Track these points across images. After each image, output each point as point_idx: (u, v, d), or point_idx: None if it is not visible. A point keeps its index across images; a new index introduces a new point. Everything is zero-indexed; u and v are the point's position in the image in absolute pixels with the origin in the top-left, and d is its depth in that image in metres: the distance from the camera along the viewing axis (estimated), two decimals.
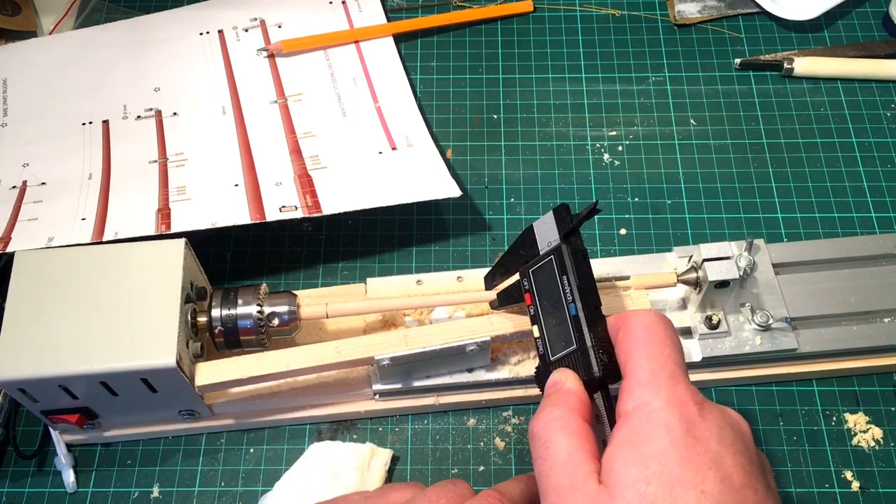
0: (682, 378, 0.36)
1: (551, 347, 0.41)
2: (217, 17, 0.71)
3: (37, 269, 0.48)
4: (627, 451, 0.33)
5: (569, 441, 0.35)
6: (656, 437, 0.33)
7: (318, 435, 0.53)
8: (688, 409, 0.34)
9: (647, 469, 0.32)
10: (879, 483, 0.51)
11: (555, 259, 0.43)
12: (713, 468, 0.32)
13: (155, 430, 0.53)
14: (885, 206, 0.62)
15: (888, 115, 0.66)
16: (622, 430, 0.34)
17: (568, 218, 0.44)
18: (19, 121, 0.65)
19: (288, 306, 0.50)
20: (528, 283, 0.44)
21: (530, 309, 0.43)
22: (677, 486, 0.31)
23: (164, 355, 0.45)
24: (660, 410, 0.34)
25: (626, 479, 0.32)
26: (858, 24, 0.71)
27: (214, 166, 0.61)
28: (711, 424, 0.34)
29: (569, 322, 0.40)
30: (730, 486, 0.32)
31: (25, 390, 0.46)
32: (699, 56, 0.70)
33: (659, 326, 0.37)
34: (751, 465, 0.33)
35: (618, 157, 0.65)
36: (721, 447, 0.33)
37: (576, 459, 0.34)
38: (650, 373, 0.35)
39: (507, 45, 0.71)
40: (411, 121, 0.64)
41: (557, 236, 0.44)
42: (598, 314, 0.40)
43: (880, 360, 0.54)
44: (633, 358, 0.36)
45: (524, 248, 0.46)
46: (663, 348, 0.36)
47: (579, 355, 0.39)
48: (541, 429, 0.36)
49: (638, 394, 0.35)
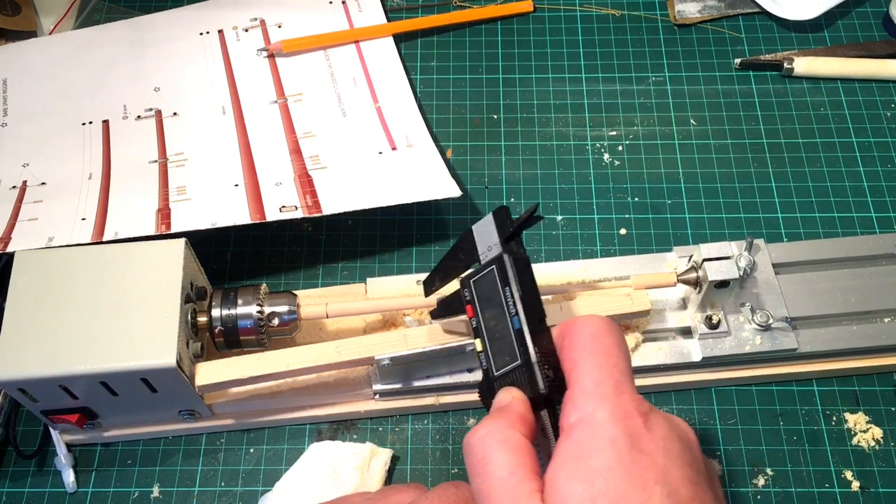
0: (628, 387, 0.34)
1: (495, 362, 0.39)
2: (217, 17, 0.71)
3: (37, 269, 0.48)
4: (571, 468, 0.32)
5: (509, 458, 0.33)
6: (601, 451, 0.32)
7: (318, 435, 0.53)
8: (633, 420, 0.33)
9: (592, 486, 0.31)
10: (879, 483, 0.51)
11: (496, 269, 0.41)
12: (660, 483, 0.31)
13: (155, 430, 0.53)
14: (885, 206, 0.62)
15: (888, 115, 0.66)
16: (566, 445, 0.33)
17: (508, 222, 0.43)
18: (19, 121, 0.65)
19: (288, 306, 0.50)
20: (470, 294, 0.42)
21: (472, 321, 0.41)
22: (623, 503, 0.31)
23: (164, 355, 0.45)
24: (604, 423, 0.33)
25: (570, 498, 0.31)
26: (858, 24, 0.71)
27: (214, 166, 0.61)
28: (657, 436, 0.33)
29: (512, 336, 0.39)
30: (677, 501, 0.31)
31: (25, 390, 0.46)
32: (699, 56, 0.70)
33: (605, 333, 0.36)
34: (698, 477, 0.33)
35: (618, 157, 0.65)
36: (668, 460, 0.32)
37: (517, 477, 0.32)
38: (595, 382, 0.34)
39: (507, 45, 0.71)
40: (411, 121, 0.64)
41: (497, 240, 0.42)
42: (542, 326, 0.39)
43: (880, 360, 0.54)
44: (578, 366, 0.35)
45: (464, 252, 0.44)
46: (609, 356, 0.35)
47: (524, 370, 0.37)
48: (477, 442, 0.34)
49: (582, 405, 0.34)
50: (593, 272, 0.56)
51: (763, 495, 0.51)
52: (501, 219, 0.43)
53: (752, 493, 0.51)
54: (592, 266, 0.56)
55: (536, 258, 0.60)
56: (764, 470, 0.52)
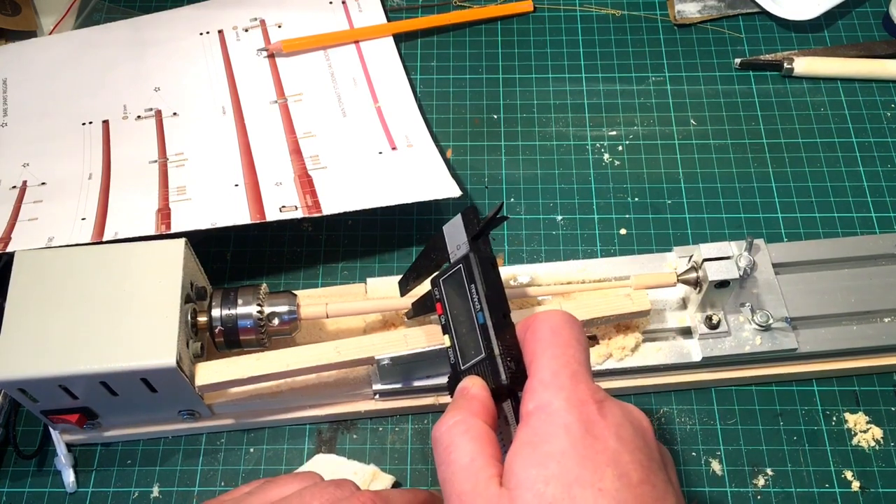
0: (585, 377, 0.36)
1: (462, 357, 0.41)
2: (217, 17, 0.71)
3: (37, 269, 0.48)
4: (527, 452, 0.33)
5: (471, 445, 0.35)
6: (555, 437, 0.33)
7: (318, 435, 0.53)
8: (587, 408, 0.34)
9: (546, 470, 0.32)
10: (879, 483, 0.51)
11: (463, 268, 0.43)
12: (611, 466, 0.32)
13: (155, 430, 0.53)
14: (885, 206, 0.62)
15: (888, 115, 0.66)
16: (523, 431, 0.34)
17: (476, 222, 0.44)
18: (19, 121, 0.65)
19: (288, 306, 0.50)
20: (439, 293, 0.44)
21: (441, 318, 0.43)
22: (575, 486, 0.32)
23: (164, 355, 0.45)
24: (560, 411, 0.34)
25: (525, 481, 0.32)
26: (858, 24, 0.71)
27: (214, 166, 0.61)
28: (610, 422, 0.34)
29: (477, 331, 0.40)
30: (627, 483, 0.32)
31: (25, 390, 0.46)
32: (699, 56, 0.70)
33: (565, 326, 0.37)
34: (649, 461, 0.34)
35: (618, 157, 0.65)
36: (619, 445, 0.33)
37: (478, 463, 0.34)
38: (552, 373, 0.36)
39: (507, 45, 0.71)
40: (411, 121, 0.64)
41: (466, 239, 0.44)
42: (506, 321, 0.40)
43: (880, 360, 0.54)
44: (538, 358, 0.37)
45: (435, 252, 0.46)
46: (567, 348, 0.37)
47: (488, 364, 0.39)
48: (442, 433, 0.36)
49: (539, 394, 0.35)
50: (593, 272, 0.56)
51: (763, 495, 0.51)
52: (469, 219, 0.45)
53: (752, 493, 0.51)
54: (592, 266, 0.56)
55: (536, 258, 0.60)
56: (764, 470, 0.52)
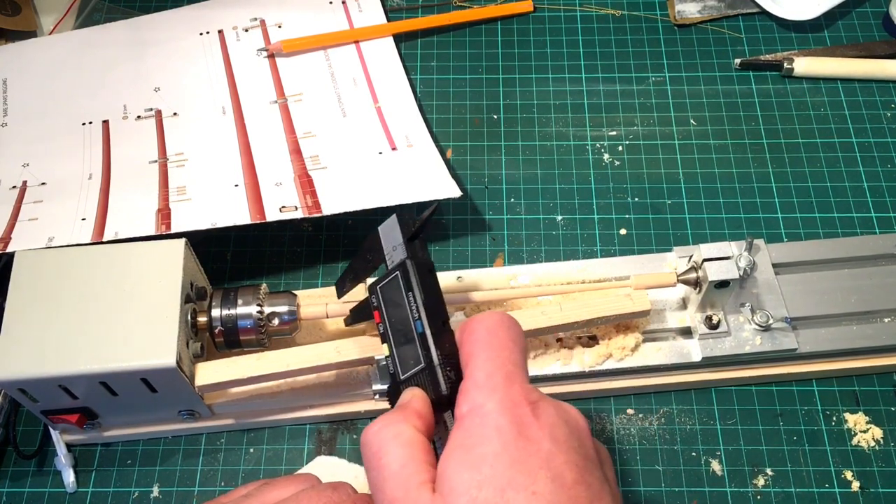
0: (519, 378, 0.35)
1: (401, 366, 0.40)
2: (217, 17, 0.71)
3: (37, 269, 0.48)
4: (460, 456, 0.33)
5: (402, 451, 0.34)
6: (488, 440, 0.33)
7: (318, 435, 0.53)
8: (520, 409, 0.34)
9: (479, 474, 0.32)
10: (879, 483, 0.51)
11: (400, 275, 0.42)
12: (544, 468, 0.32)
13: (155, 430, 0.53)
14: (885, 206, 0.62)
15: (888, 115, 0.66)
16: (456, 434, 0.34)
17: (410, 223, 0.44)
18: (19, 121, 0.65)
19: (288, 306, 0.50)
20: (377, 301, 0.43)
21: (379, 327, 0.42)
22: (508, 489, 0.31)
23: (164, 355, 0.45)
24: (492, 413, 0.34)
25: (458, 486, 0.32)
26: (858, 24, 0.71)
27: (214, 166, 0.61)
28: (544, 423, 0.34)
29: (416, 340, 0.40)
30: (561, 485, 0.32)
31: (25, 390, 0.46)
32: (699, 56, 0.70)
33: (501, 327, 0.37)
34: (584, 461, 0.34)
35: (618, 157, 0.65)
36: (553, 446, 0.33)
37: (409, 469, 0.34)
38: (486, 375, 0.35)
39: (507, 45, 0.71)
40: (411, 121, 0.64)
41: (401, 240, 0.44)
42: (445, 329, 0.40)
43: (880, 360, 0.54)
44: (472, 360, 0.36)
45: (371, 253, 0.46)
46: (502, 350, 0.36)
47: (427, 373, 0.38)
48: (372, 437, 0.35)
49: (473, 396, 0.35)
50: (593, 272, 0.56)
51: (763, 495, 0.51)
52: (404, 220, 0.44)
53: (752, 493, 0.51)
54: (592, 266, 0.56)
55: (536, 258, 0.60)
56: (764, 470, 0.52)
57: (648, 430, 0.53)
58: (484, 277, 0.56)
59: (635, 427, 0.53)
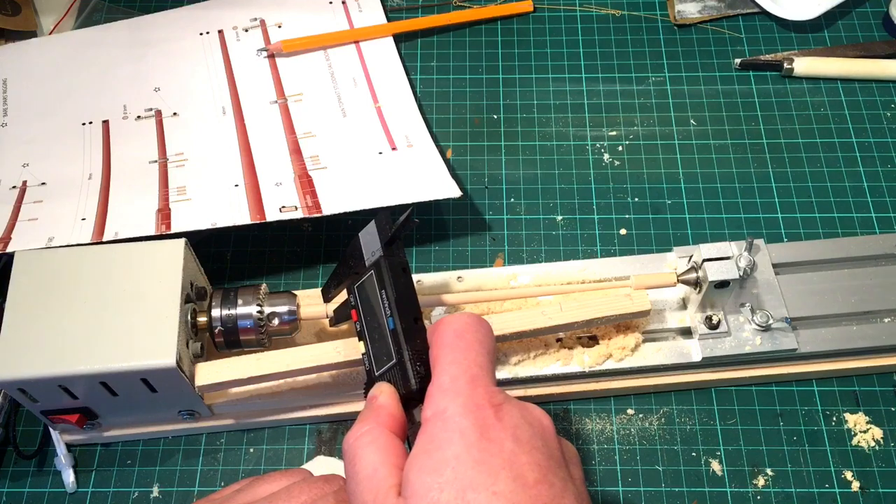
0: (484, 381, 0.36)
1: (376, 363, 0.41)
2: (217, 17, 0.71)
3: (37, 269, 0.48)
4: (423, 460, 0.33)
5: (374, 456, 0.35)
6: (450, 443, 0.33)
7: (318, 434, 0.53)
8: (483, 412, 0.34)
9: (440, 476, 0.32)
10: (879, 483, 0.51)
11: (375, 274, 0.43)
12: (506, 468, 0.32)
13: (155, 430, 0.53)
14: (885, 206, 0.62)
15: (888, 115, 0.67)
16: (420, 439, 0.34)
17: (388, 227, 0.44)
18: (19, 121, 0.65)
19: (288, 306, 0.50)
20: (354, 300, 0.44)
21: (357, 325, 0.43)
22: (469, 490, 0.31)
23: (164, 355, 0.45)
24: (455, 416, 0.34)
25: (420, 489, 0.32)
26: (858, 24, 0.71)
27: (214, 166, 0.61)
28: (507, 425, 0.34)
29: (388, 336, 0.40)
30: (522, 485, 0.32)
31: (25, 390, 0.46)
32: (699, 56, 0.70)
33: (468, 329, 0.37)
34: (548, 461, 0.34)
35: (618, 157, 0.65)
36: (516, 446, 0.33)
37: (380, 474, 0.34)
38: (451, 378, 0.35)
39: (507, 45, 0.71)
40: (411, 121, 0.64)
41: (379, 245, 0.44)
42: (417, 326, 0.40)
43: (880, 360, 0.54)
44: (439, 363, 0.37)
45: (353, 259, 0.46)
46: (468, 352, 0.36)
47: (398, 369, 0.39)
48: (350, 445, 0.36)
49: (437, 400, 0.35)
50: (593, 272, 0.56)
51: (763, 495, 0.51)
52: (382, 225, 0.45)
53: (752, 493, 0.51)
54: (592, 266, 0.57)
55: (536, 258, 0.60)
56: (764, 470, 0.52)
57: (648, 430, 0.53)
58: (484, 277, 0.56)
59: (635, 427, 0.53)
